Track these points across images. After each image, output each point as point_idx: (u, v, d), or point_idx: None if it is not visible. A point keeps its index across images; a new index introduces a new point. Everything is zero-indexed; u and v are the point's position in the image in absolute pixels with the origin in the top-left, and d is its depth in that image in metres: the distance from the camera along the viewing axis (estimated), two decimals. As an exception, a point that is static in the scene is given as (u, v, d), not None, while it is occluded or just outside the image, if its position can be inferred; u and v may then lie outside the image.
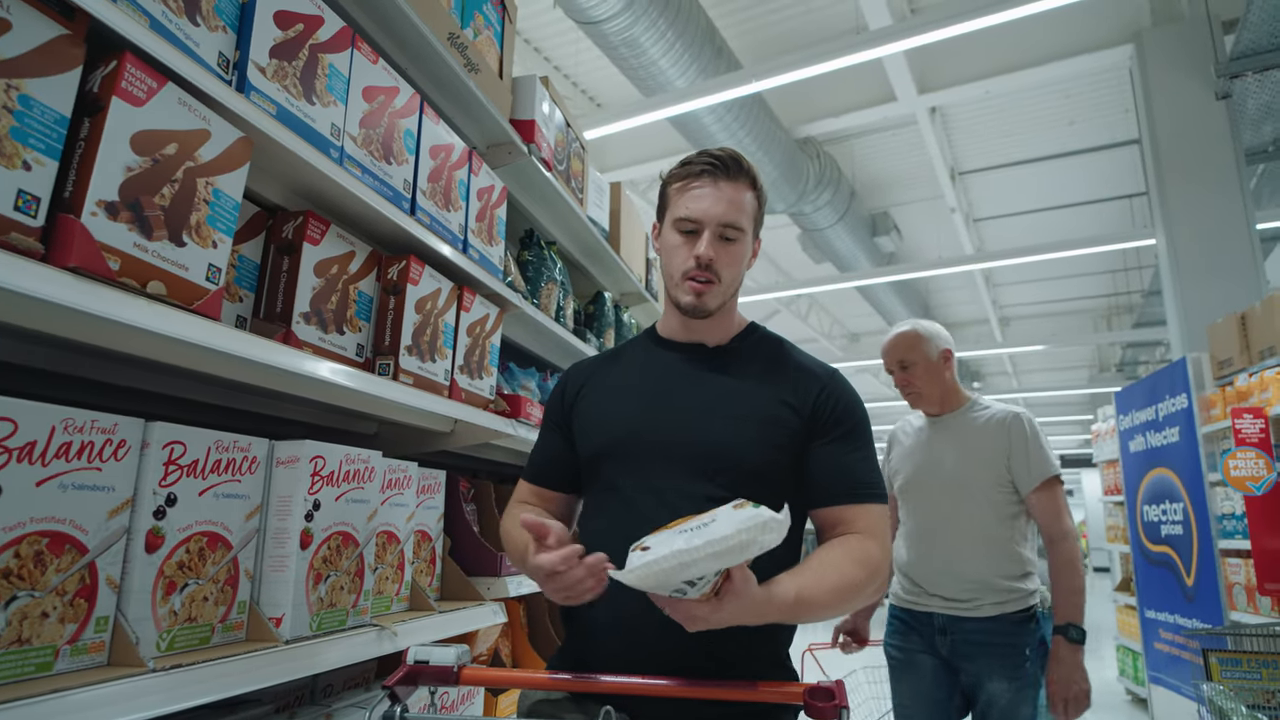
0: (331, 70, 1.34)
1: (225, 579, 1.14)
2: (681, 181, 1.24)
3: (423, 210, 1.61)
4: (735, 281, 1.25)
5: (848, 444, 1.21)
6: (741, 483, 1.15)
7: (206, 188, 1.05)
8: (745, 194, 1.22)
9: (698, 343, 1.30)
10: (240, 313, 1.32)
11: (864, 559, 1.11)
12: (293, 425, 1.76)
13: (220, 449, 1.14)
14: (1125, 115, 7.19)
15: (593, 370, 1.37)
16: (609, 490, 1.21)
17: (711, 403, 1.21)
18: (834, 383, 1.25)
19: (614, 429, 1.24)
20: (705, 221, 1.20)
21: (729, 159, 1.22)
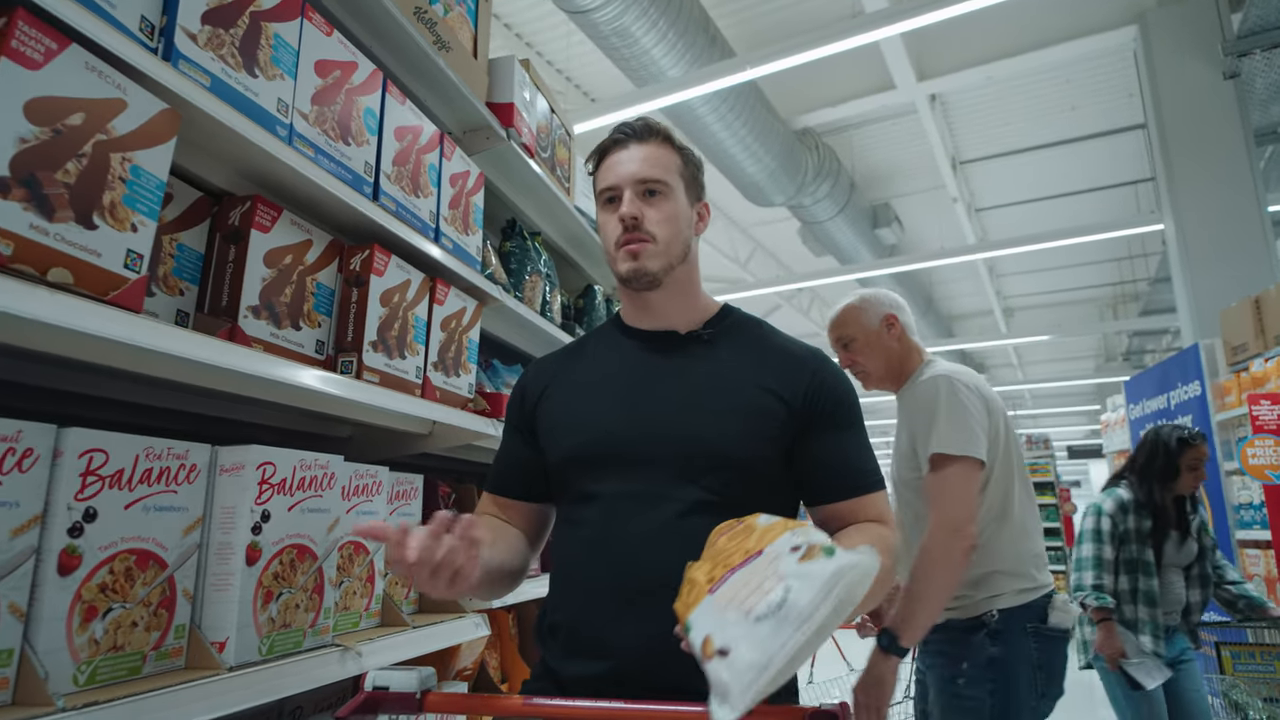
0: (278, 40, 1.22)
1: (158, 601, 1.03)
2: (601, 162, 1.19)
3: (387, 195, 1.49)
4: (675, 241, 1.14)
5: (846, 432, 1.12)
6: (731, 482, 1.05)
7: (123, 164, 0.93)
8: (660, 151, 1.16)
9: (667, 329, 1.19)
10: (181, 307, 1.21)
11: (886, 545, 1.02)
12: (263, 430, 1.65)
13: (151, 457, 1.03)
14: (1129, 100, 7.05)
15: (556, 367, 1.26)
16: (585, 500, 1.10)
17: (691, 395, 1.10)
18: (823, 367, 1.15)
19: (585, 430, 1.13)
20: (621, 183, 1.13)
21: (638, 124, 1.17)
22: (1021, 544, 1.81)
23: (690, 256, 1.19)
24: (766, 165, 6.24)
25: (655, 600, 0.95)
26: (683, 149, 1.19)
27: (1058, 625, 1.78)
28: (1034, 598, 1.78)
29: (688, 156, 1.20)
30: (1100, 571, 2.66)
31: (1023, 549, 1.81)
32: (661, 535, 1.02)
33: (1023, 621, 1.75)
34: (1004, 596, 1.76)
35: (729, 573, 0.74)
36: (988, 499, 1.80)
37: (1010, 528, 1.81)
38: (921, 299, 10.89)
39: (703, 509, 1.03)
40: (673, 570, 0.95)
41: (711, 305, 1.24)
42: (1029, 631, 1.75)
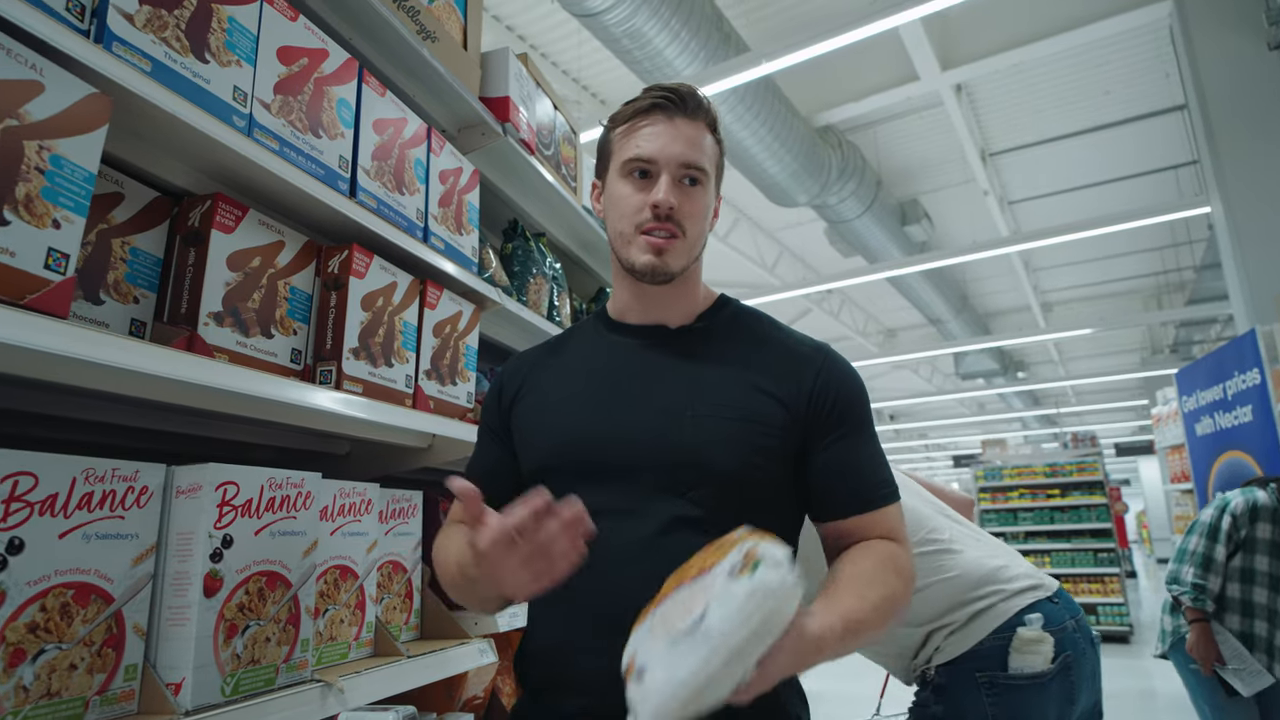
0: (232, 24, 1.13)
1: (104, 639, 0.92)
2: (628, 123, 1.03)
3: (366, 192, 1.39)
4: (700, 240, 1.03)
5: (854, 439, 1.00)
6: (720, 497, 0.93)
7: (40, 153, 0.84)
8: (706, 135, 1.03)
9: (658, 324, 1.06)
10: (137, 316, 1.11)
11: (899, 566, 0.93)
12: (258, 450, 1.56)
13: (92, 479, 0.93)
14: (1166, 80, 6.77)
15: (534, 364, 1.14)
16: None
17: (677, 398, 0.98)
18: (830, 366, 1.02)
19: (559, 436, 1.01)
20: (662, 161, 0.98)
21: (686, 92, 1.01)
22: (949, 585, 1.49)
23: (702, 250, 1.08)
24: (788, 165, 6.09)
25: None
26: (717, 132, 1.07)
27: (1024, 670, 1.40)
28: (977, 640, 1.42)
29: (721, 144, 1.08)
30: (1205, 572, 2.47)
31: (953, 588, 1.48)
32: (642, 555, 0.90)
33: (970, 673, 1.42)
34: (941, 648, 1.47)
35: (676, 589, 0.70)
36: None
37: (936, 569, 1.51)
38: (955, 297, 10.60)
39: (686, 526, 0.91)
40: (652, 591, 0.84)
41: (708, 296, 1.12)
42: (980, 683, 1.41)
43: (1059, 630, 1.44)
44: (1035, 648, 1.41)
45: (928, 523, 1.57)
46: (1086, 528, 8.46)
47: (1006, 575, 1.50)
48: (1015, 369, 14.68)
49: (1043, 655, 1.40)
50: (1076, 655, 1.44)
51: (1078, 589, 8.21)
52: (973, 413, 18.13)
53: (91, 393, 1.01)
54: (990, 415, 17.05)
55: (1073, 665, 1.43)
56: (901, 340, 13.84)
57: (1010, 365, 14.35)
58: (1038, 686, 1.40)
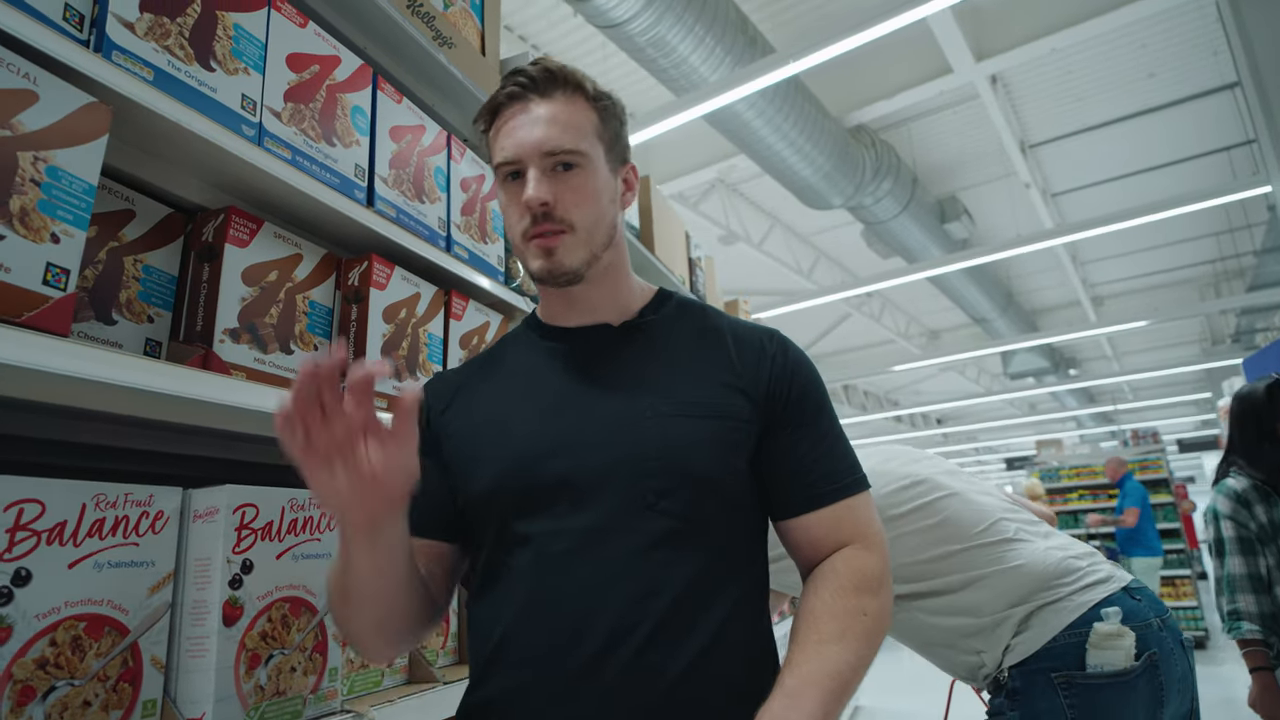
0: (238, 31, 1.10)
1: (119, 674, 0.88)
2: (492, 125, 0.92)
3: (384, 200, 1.35)
4: (599, 225, 0.91)
5: (814, 427, 0.91)
6: (695, 504, 0.84)
7: (35, 164, 0.80)
8: (570, 107, 0.90)
9: (599, 324, 0.96)
10: (151, 335, 1.08)
11: (863, 582, 0.84)
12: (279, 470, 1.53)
13: (104, 505, 0.89)
14: (1214, 58, 6.50)
15: (461, 382, 1.01)
16: (511, 548, 0.86)
17: (635, 400, 0.88)
18: (783, 351, 0.95)
19: (503, 463, 0.88)
20: (523, 155, 0.87)
21: (538, 70, 0.90)
22: (1012, 576, 1.41)
23: (617, 237, 0.96)
24: (821, 166, 5.98)
25: (615, 667, 0.78)
26: (600, 99, 0.93)
27: (1101, 668, 1.29)
28: (1050, 637, 1.33)
29: (607, 109, 0.94)
30: (1234, 592, 2.05)
31: (1017, 579, 1.40)
32: (615, 581, 0.80)
33: (1044, 673, 1.32)
34: (1011, 648, 1.37)
35: None
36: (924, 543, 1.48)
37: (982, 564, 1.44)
38: (1000, 294, 10.30)
39: (665, 540, 0.82)
40: (632, 622, 0.78)
41: (646, 290, 1.03)
42: (1057, 684, 1.30)
43: (1142, 626, 1.31)
44: (1115, 643, 1.28)
45: (990, 515, 1.48)
46: (1153, 528, 8.09)
47: (1077, 567, 1.39)
48: (1067, 366, 14.20)
49: (1124, 651, 1.28)
50: (1164, 654, 1.31)
51: (1147, 593, 7.84)
52: (1023, 413, 17.59)
53: (100, 415, 0.98)
54: (1043, 415, 16.53)
55: (1160, 664, 1.30)
56: (945, 341, 13.49)
57: (1061, 363, 13.88)
58: (1121, 685, 1.27)
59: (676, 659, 0.79)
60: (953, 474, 1.62)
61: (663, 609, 0.80)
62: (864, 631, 0.81)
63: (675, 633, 0.79)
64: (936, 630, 1.48)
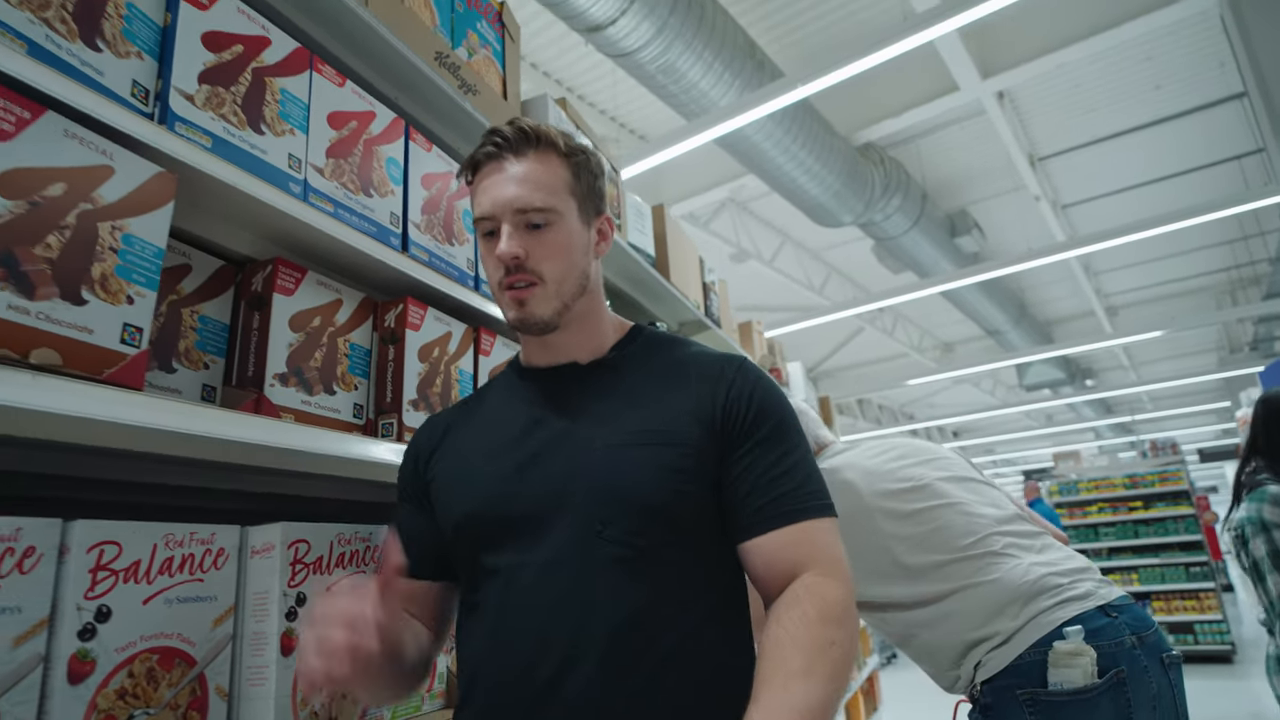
0: (285, 95, 1.18)
1: (188, 703, 0.94)
2: (472, 180, 1.00)
3: (418, 246, 1.42)
4: (569, 277, 0.97)
5: (773, 448, 0.92)
6: (641, 531, 0.87)
7: (113, 233, 0.88)
8: (542, 166, 0.96)
9: (568, 362, 1.02)
10: (207, 381, 1.15)
11: (828, 610, 0.83)
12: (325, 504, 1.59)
13: (172, 544, 0.95)
14: (1221, 69, 6.54)
15: (449, 423, 1.08)
16: (482, 578, 0.93)
17: (588, 433, 0.93)
18: (742, 375, 0.97)
19: (476, 496, 0.95)
20: (497, 213, 0.95)
21: (512, 131, 0.97)
22: (985, 591, 1.46)
23: (591, 285, 1.02)
24: (830, 185, 6.05)
25: (568, 685, 0.82)
26: (573, 154, 1.00)
27: (1061, 685, 1.32)
28: (1017, 654, 1.37)
29: (581, 165, 1.00)
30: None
31: (989, 594, 1.45)
32: (567, 609, 0.85)
33: (1011, 690, 1.36)
34: (983, 664, 1.42)
35: None
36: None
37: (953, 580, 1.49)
38: (1013, 307, 10.30)
39: (615, 567, 0.85)
40: (583, 645, 0.82)
41: (621, 327, 1.08)
42: (1022, 701, 1.35)
43: (1111, 644, 1.35)
44: (1073, 661, 1.32)
45: (981, 529, 1.53)
46: (1174, 541, 8.02)
47: (1055, 584, 1.42)
48: (1083, 377, 14.12)
49: (1081, 669, 1.31)
50: (1134, 672, 1.34)
51: (1170, 606, 7.76)
52: (1040, 424, 17.47)
53: (167, 458, 1.05)
54: (1060, 426, 16.41)
55: (1128, 682, 1.32)
56: (959, 354, 13.47)
57: (1077, 373, 13.81)
58: (1082, 703, 1.31)
59: (627, 685, 0.82)
60: (961, 480, 1.66)
61: (612, 634, 0.83)
62: (832, 665, 0.80)
63: (624, 658, 0.82)
64: (919, 641, 1.54)
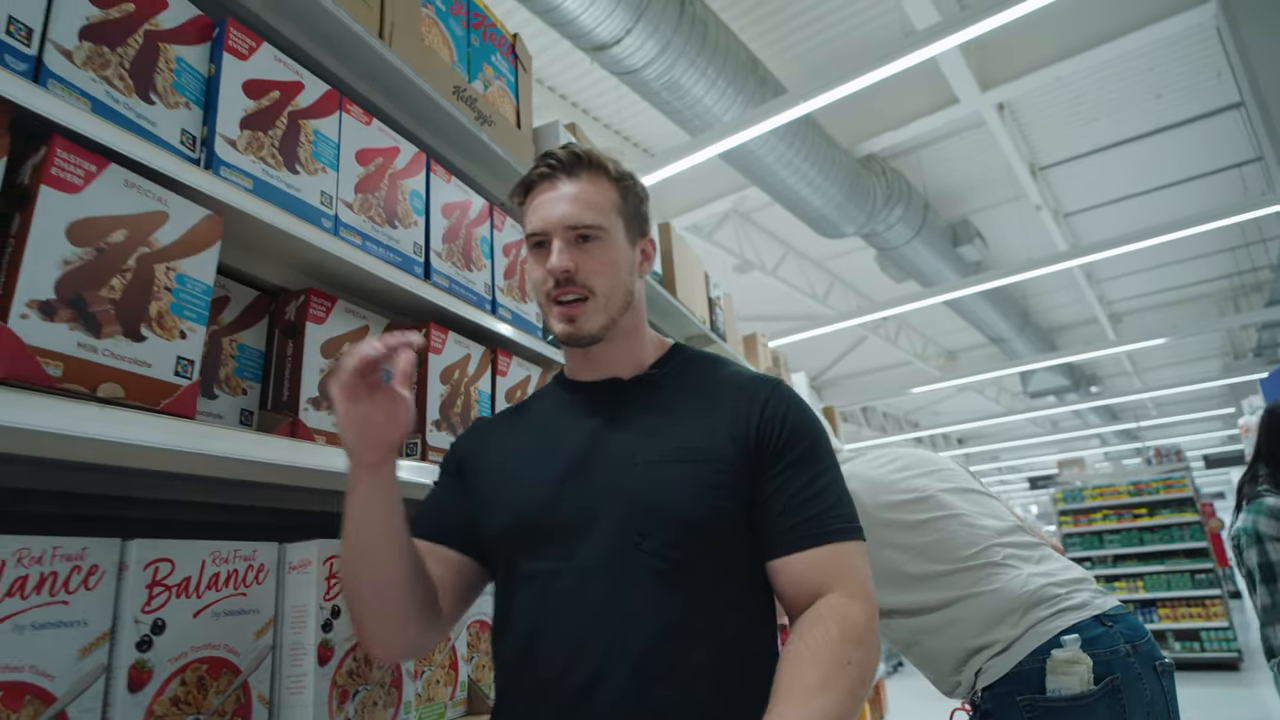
0: (317, 136, 1.25)
1: (234, 709, 1.00)
2: (525, 199, 1.06)
3: (439, 273, 1.49)
4: (616, 292, 1.02)
5: (805, 469, 0.94)
6: (677, 545, 0.89)
7: (168, 274, 0.95)
8: (593, 187, 1.02)
9: (610, 378, 1.06)
10: (245, 406, 1.22)
11: (849, 630, 0.84)
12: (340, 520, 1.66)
13: (218, 561, 1.02)
14: (1219, 79, 6.60)
15: (491, 431, 1.13)
16: (518, 584, 0.96)
17: (628, 448, 0.96)
18: (776, 397, 1.00)
19: (518, 502, 0.98)
20: (549, 229, 1.00)
21: (566, 154, 1.02)
22: (985, 600, 1.52)
23: (635, 303, 1.06)
24: (832, 197, 6.12)
25: (601, 696, 0.84)
26: (622, 179, 1.05)
27: (1059, 692, 1.39)
28: (1016, 661, 1.44)
29: (628, 188, 1.06)
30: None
31: (988, 604, 1.52)
32: (600, 616, 0.88)
33: (1011, 696, 1.43)
34: (983, 671, 1.48)
35: None
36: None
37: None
38: (1016, 314, 10.35)
39: (650, 580, 0.88)
40: (617, 657, 0.85)
41: (661, 345, 1.13)
42: (1022, 706, 1.41)
43: (1107, 653, 1.41)
44: (1070, 668, 1.38)
45: (982, 540, 1.59)
46: (1180, 548, 8.04)
47: (1054, 594, 1.49)
48: (1087, 384, 14.14)
49: (1078, 676, 1.38)
50: (1129, 680, 1.40)
51: (1177, 613, 7.77)
52: (1046, 431, 17.48)
53: (212, 480, 1.12)
54: (1065, 433, 16.41)
55: (1123, 689, 1.39)
56: (963, 361, 13.51)
57: (1082, 380, 13.82)
58: (1078, 709, 1.37)
59: (660, 694, 0.84)
60: (963, 491, 1.72)
61: (646, 644, 0.85)
62: (849, 683, 0.81)
63: (659, 668, 0.85)
64: (921, 647, 1.60)
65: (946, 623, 1.55)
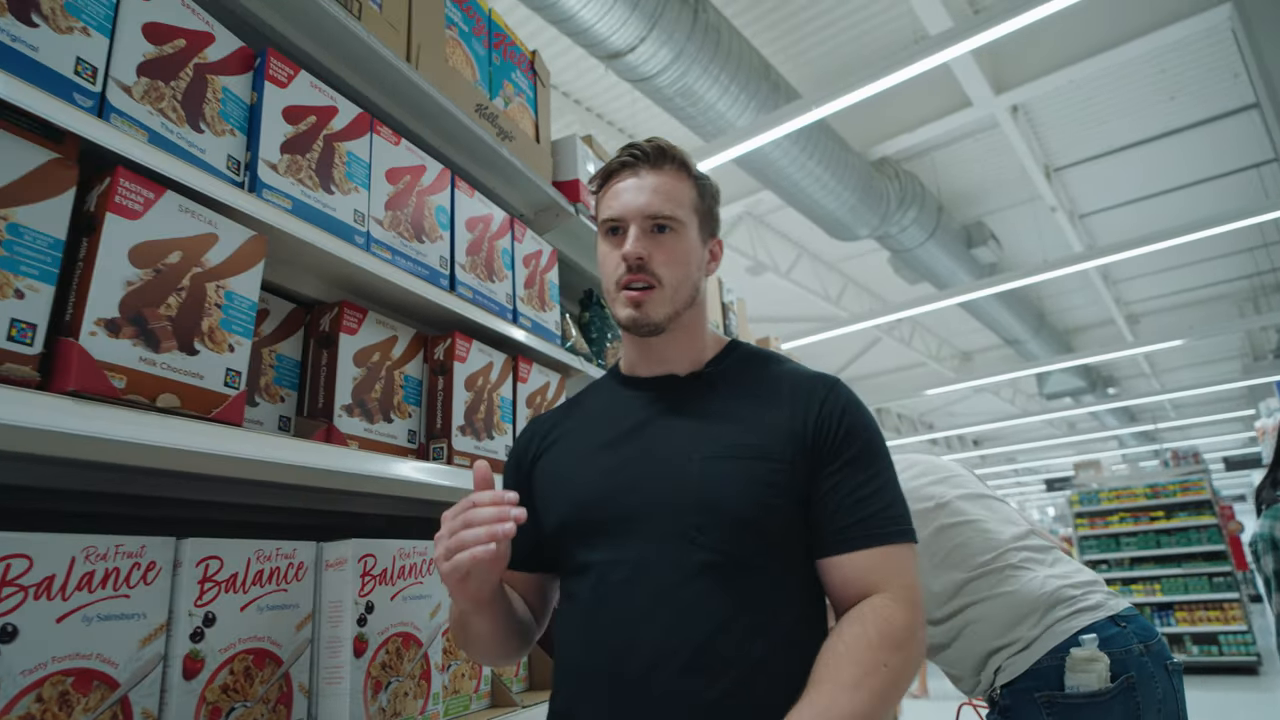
0: (350, 157, 1.32)
1: (277, 698, 1.07)
2: (604, 186, 1.07)
3: (463, 285, 1.56)
4: (684, 285, 1.03)
5: (860, 469, 0.95)
6: (732, 539, 0.91)
7: (217, 291, 1.02)
8: (674, 181, 1.04)
9: (667, 374, 1.08)
10: (283, 413, 1.30)
11: (889, 634, 0.85)
12: (372, 519, 1.73)
13: (262, 559, 1.09)
14: (1235, 80, 6.57)
15: (551, 425, 1.15)
16: (578, 573, 1.00)
17: (685, 443, 0.98)
18: (835, 396, 1.00)
19: (577, 496, 1.01)
20: (627, 216, 1.01)
21: (651, 147, 1.04)
22: (1004, 602, 1.58)
23: (699, 300, 1.08)
24: (846, 200, 6.15)
25: (655, 683, 0.87)
26: (700, 179, 1.08)
27: (1077, 689, 1.45)
28: (1036, 659, 1.50)
29: (704, 188, 1.08)
30: None
31: (1007, 605, 1.58)
32: (657, 607, 0.90)
33: (1030, 693, 1.49)
34: (1002, 669, 1.54)
35: None
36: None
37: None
38: (1032, 316, 10.32)
39: (704, 572, 0.90)
40: (673, 646, 0.88)
41: (719, 342, 1.14)
42: (1040, 703, 1.47)
43: (1121, 652, 1.46)
44: (1089, 666, 1.44)
45: (998, 545, 1.65)
46: (1198, 551, 7.99)
47: (1069, 595, 1.55)
48: (1105, 385, 14.04)
49: (1096, 674, 1.43)
50: (1142, 678, 1.46)
51: (1194, 617, 7.72)
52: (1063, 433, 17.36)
53: (255, 482, 1.19)
54: (1082, 435, 16.29)
55: (1137, 687, 1.45)
56: (978, 363, 13.46)
57: (1099, 382, 13.74)
58: (1096, 705, 1.43)
59: (716, 685, 0.85)
60: (976, 498, 1.77)
61: (701, 637, 0.87)
62: (882, 684, 0.82)
63: (715, 660, 0.86)
64: (946, 651, 1.66)
65: (966, 624, 1.61)
